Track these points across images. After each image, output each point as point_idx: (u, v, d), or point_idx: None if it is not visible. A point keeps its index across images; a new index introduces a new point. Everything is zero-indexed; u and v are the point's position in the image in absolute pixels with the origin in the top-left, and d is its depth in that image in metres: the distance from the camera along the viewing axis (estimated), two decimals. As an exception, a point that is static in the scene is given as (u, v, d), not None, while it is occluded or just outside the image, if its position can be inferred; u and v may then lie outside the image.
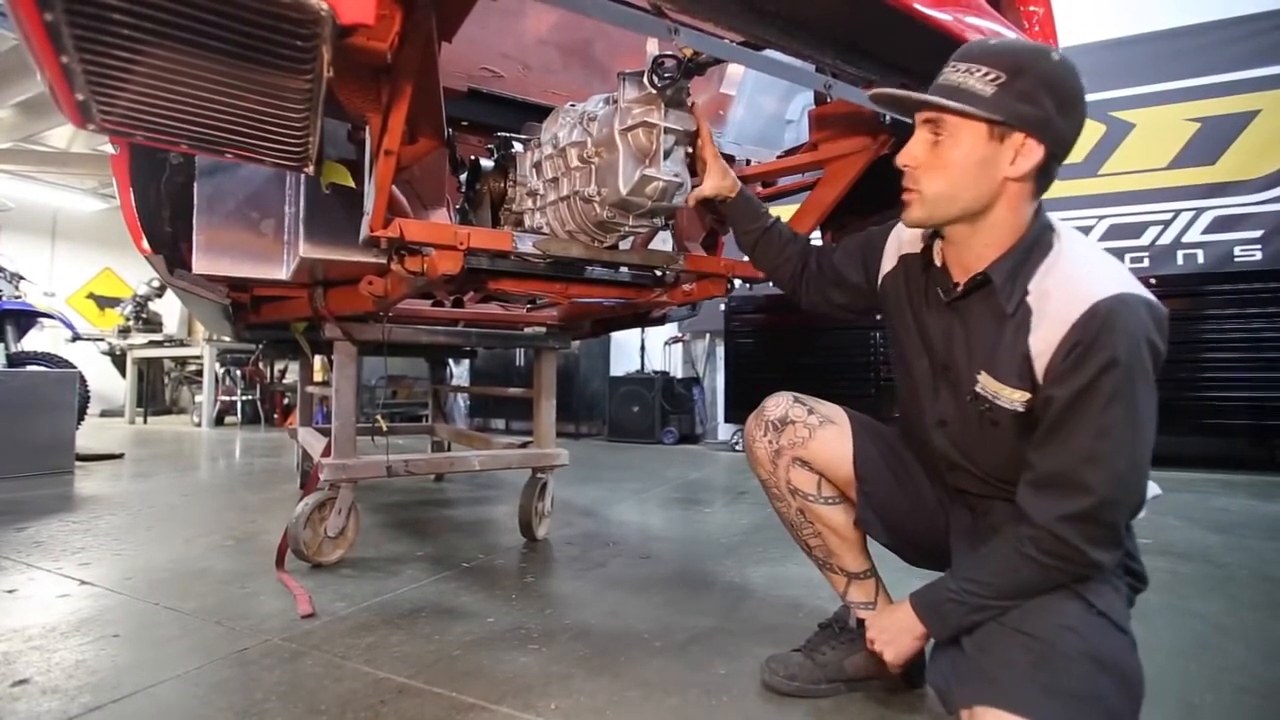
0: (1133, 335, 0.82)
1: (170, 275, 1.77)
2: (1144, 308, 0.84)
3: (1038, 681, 0.82)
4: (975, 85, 0.87)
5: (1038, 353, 0.88)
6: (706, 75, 1.26)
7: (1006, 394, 0.92)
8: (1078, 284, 0.86)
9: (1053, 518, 0.85)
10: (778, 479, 1.17)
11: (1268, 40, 4.34)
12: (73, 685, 1.16)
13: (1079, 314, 0.84)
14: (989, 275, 0.93)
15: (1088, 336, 0.83)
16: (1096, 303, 0.83)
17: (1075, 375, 0.84)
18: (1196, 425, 3.89)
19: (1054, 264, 0.90)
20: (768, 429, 1.17)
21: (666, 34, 0.97)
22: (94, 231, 8.48)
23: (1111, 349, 0.81)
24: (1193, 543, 2.21)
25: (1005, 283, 0.92)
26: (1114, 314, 0.82)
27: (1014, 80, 0.85)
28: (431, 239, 1.24)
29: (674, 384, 5.48)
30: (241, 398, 6.73)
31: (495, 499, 2.99)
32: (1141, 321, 0.83)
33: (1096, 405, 0.83)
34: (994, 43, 0.92)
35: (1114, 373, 0.81)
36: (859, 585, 1.19)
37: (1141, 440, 0.84)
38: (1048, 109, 0.85)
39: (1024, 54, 0.88)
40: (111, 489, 3.11)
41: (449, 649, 1.33)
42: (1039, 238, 0.92)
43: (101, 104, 0.81)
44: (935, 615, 0.96)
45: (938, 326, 1.03)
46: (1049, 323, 0.87)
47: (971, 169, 0.89)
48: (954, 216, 0.93)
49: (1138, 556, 0.98)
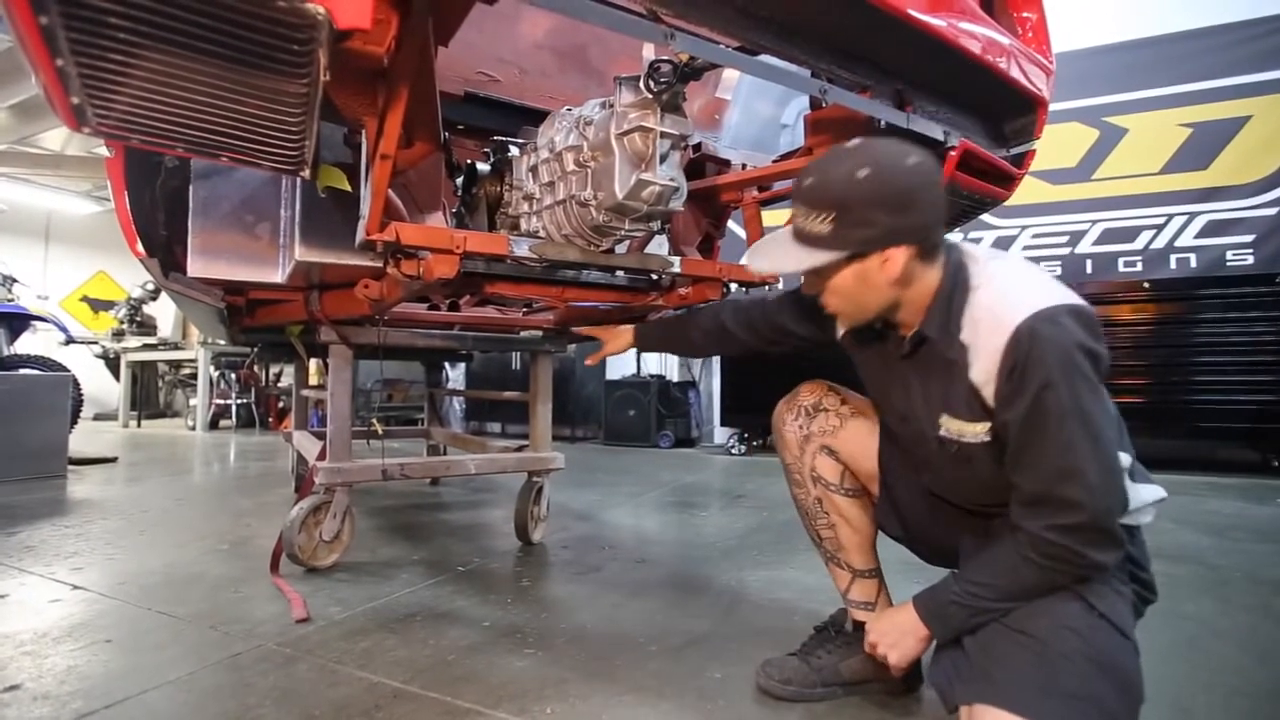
0: (1060, 348, 0.84)
1: (165, 278, 1.77)
2: (1066, 316, 0.86)
3: (1036, 681, 0.83)
4: (816, 229, 0.92)
5: (982, 383, 0.91)
6: (702, 80, 1.27)
7: (970, 430, 0.95)
8: (998, 311, 0.90)
9: (1049, 527, 0.86)
10: (803, 465, 1.19)
11: (1259, 46, 4.37)
12: (64, 691, 1.15)
13: (1005, 341, 0.87)
14: (923, 334, 0.98)
15: (1019, 359, 0.86)
16: (1017, 327, 0.86)
17: (1020, 397, 0.86)
18: (1189, 428, 3.91)
19: (976, 298, 0.94)
20: (800, 413, 1.20)
21: (662, 39, 0.97)
22: (88, 234, 8.45)
23: (1044, 368, 0.84)
24: (1186, 546, 2.22)
25: (940, 334, 0.96)
26: (1035, 333, 0.85)
27: (843, 214, 0.90)
28: (427, 243, 1.24)
29: (670, 388, 5.48)
30: (236, 401, 6.71)
31: (491, 503, 2.99)
32: (1065, 332, 0.85)
33: (1050, 425, 0.85)
34: (809, 184, 0.94)
35: (1054, 391, 0.84)
36: (862, 583, 1.19)
37: (1102, 444, 0.85)
38: (885, 222, 0.90)
39: (839, 187, 0.91)
40: (105, 493, 3.10)
41: (444, 653, 1.33)
42: (956, 282, 0.96)
43: (97, 107, 0.81)
44: (939, 618, 0.97)
45: (896, 380, 1.07)
46: (984, 354, 0.90)
47: (856, 288, 0.96)
48: (872, 317, 1.01)
49: (1146, 566, 0.98)
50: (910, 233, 0.91)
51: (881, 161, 0.90)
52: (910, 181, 0.90)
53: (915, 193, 0.91)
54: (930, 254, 0.95)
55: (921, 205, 0.91)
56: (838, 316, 1.04)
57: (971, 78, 1.29)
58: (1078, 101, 4.75)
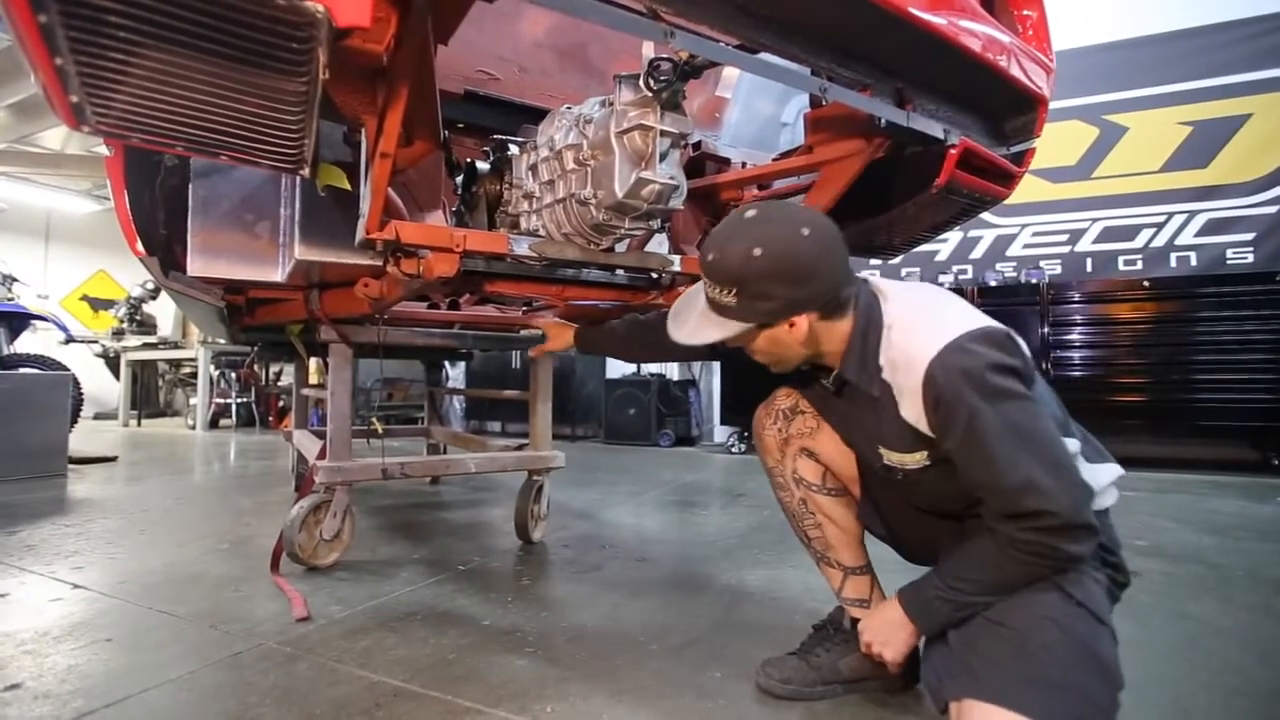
0: (974, 375, 0.87)
1: (165, 277, 1.77)
2: (974, 341, 0.89)
3: (1018, 672, 0.85)
4: (725, 300, 0.97)
5: (915, 420, 0.94)
6: (702, 78, 1.27)
7: (911, 459, 0.99)
8: (910, 354, 0.93)
9: (1025, 529, 0.87)
10: (784, 468, 1.21)
11: (1259, 44, 4.37)
12: (65, 690, 1.15)
13: (920, 381, 0.90)
14: (843, 376, 1.02)
15: (938, 394, 0.88)
16: (929, 365, 0.89)
17: (951, 428, 0.89)
18: (1190, 428, 3.91)
19: (890, 338, 0.97)
20: (777, 417, 1.21)
21: (662, 37, 0.97)
22: (88, 233, 8.45)
23: (963, 399, 0.87)
24: (1187, 545, 2.22)
25: (859, 375, 0.99)
26: (946, 368, 0.88)
27: (743, 290, 0.95)
28: (427, 241, 1.23)
29: (670, 386, 5.48)
30: (236, 400, 6.71)
31: (491, 502, 2.99)
32: (974, 360, 0.87)
33: (990, 446, 0.86)
34: (711, 259, 0.97)
35: (981, 417, 0.86)
36: (854, 581, 1.20)
37: (1045, 448, 0.87)
38: (782, 294, 0.94)
39: (736, 267, 0.94)
40: (105, 492, 3.10)
41: (445, 652, 1.33)
42: (868, 322, 0.99)
43: (96, 106, 0.80)
44: (923, 612, 0.98)
45: (834, 414, 1.12)
46: (907, 394, 0.93)
47: (772, 349, 1.01)
48: (795, 366, 1.06)
49: (1116, 550, 0.99)
50: (810, 301, 0.95)
51: (776, 237, 0.93)
52: (805, 255, 0.93)
53: (812, 264, 0.94)
54: (836, 311, 0.98)
55: (819, 275, 0.95)
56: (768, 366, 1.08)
57: (972, 76, 1.28)
58: (1078, 99, 4.75)
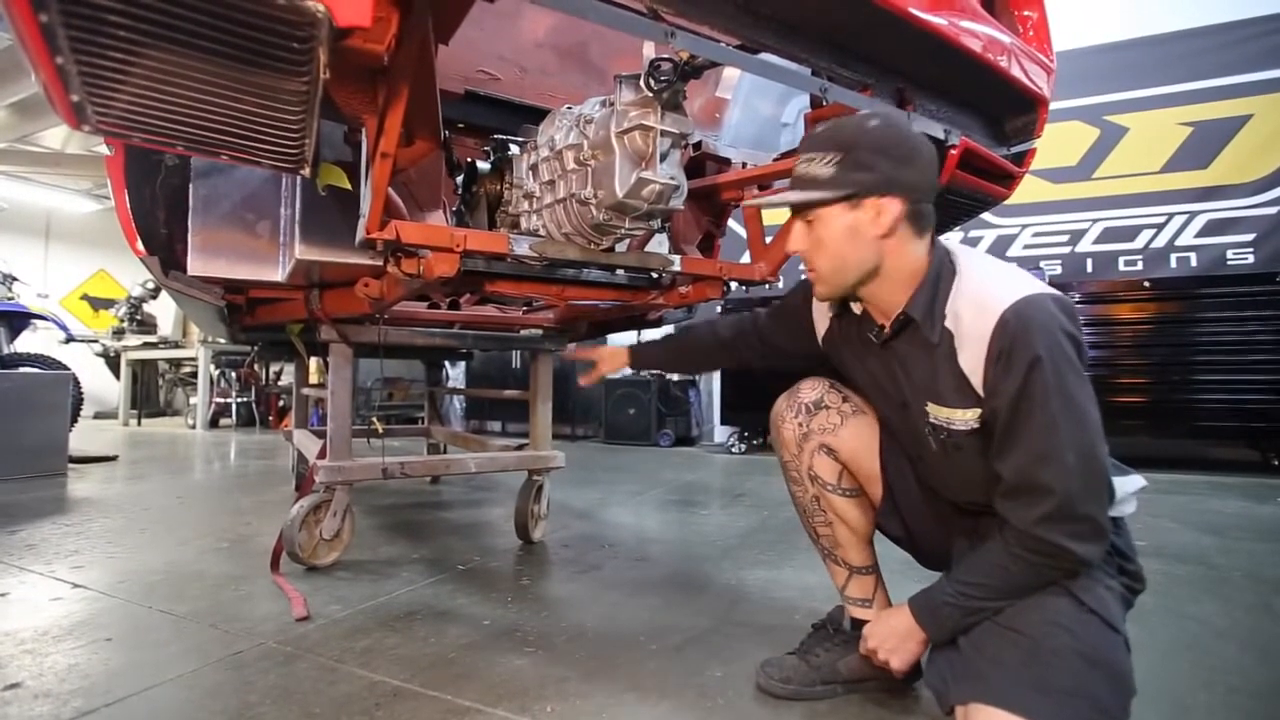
0: (1047, 329, 0.86)
1: (165, 277, 1.77)
2: (1049, 302, 0.89)
3: (1028, 678, 0.84)
4: (818, 171, 0.97)
5: (971, 370, 0.92)
6: (703, 78, 1.27)
7: (959, 416, 0.96)
8: (984, 299, 0.92)
9: (1029, 521, 0.87)
10: (800, 464, 1.18)
11: (1260, 45, 4.37)
12: (65, 689, 1.15)
13: (992, 326, 0.89)
14: (909, 314, 0.99)
15: (1007, 343, 0.87)
16: (1004, 311, 0.88)
17: (1008, 380, 0.87)
18: (1190, 428, 3.91)
19: (960, 287, 0.96)
20: (800, 410, 1.18)
21: (663, 37, 0.97)
22: (88, 233, 8.45)
23: (1031, 348, 0.86)
24: (1187, 545, 2.22)
25: (925, 317, 0.97)
26: (1022, 316, 0.87)
27: (848, 156, 0.95)
28: (427, 241, 1.23)
29: (670, 386, 5.48)
30: (236, 400, 6.71)
31: (491, 501, 2.99)
32: (1051, 315, 0.87)
33: (1036, 405, 0.86)
34: (823, 130, 1.00)
35: (1041, 369, 0.85)
36: (859, 580, 1.20)
37: (1085, 428, 0.86)
38: (885, 169, 0.94)
39: (849, 131, 0.97)
40: (105, 491, 3.10)
41: (445, 652, 1.33)
42: (941, 268, 0.99)
43: (97, 105, 0.80)
44: (934, 620, 0.97)
45: (883, 369, 1.08)
46: (971, 341, 0.92)
47: (845, 239, 0.98)
48: (853, 282, 1.01)
49: (1132, 556, 0.98)
50: (906, 186, 0.95)
51: (891, 116, 0.98)
52: (915, 140, 0.97)
53: (917, 150, 0.96)
54: (918, 222, 0.97)
55: (920, 164, 0.96)
56: (818, 283, 1.04)
57: (972, 76, 1.29)
58: (1078, 100, 4.75)
